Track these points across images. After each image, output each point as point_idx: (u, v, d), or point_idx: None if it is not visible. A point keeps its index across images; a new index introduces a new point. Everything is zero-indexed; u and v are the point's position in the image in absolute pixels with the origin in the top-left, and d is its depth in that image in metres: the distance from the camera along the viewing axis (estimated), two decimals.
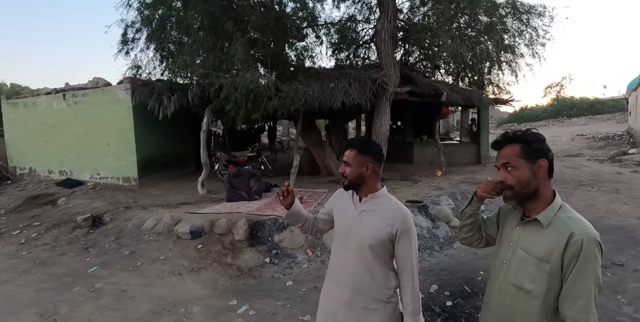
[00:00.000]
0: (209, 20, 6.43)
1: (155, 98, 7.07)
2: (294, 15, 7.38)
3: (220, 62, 6.42)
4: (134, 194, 7.13)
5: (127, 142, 7.63)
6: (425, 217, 5.28)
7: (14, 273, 4.26)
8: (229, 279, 3.92)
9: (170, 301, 3.51)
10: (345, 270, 1.64)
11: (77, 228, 5.32)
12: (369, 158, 1.60)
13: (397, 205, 1.62)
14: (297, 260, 4.22)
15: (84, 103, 8.26)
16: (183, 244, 4.49)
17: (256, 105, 5.82)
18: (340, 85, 6.45)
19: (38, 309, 3.43)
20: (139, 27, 7.53)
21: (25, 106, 9.36)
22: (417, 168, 9.50)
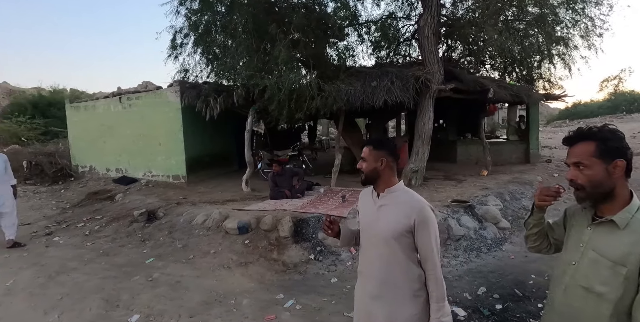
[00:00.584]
0: (253, 23, 6.62)
1: (202, 100, 7.39)
2: (335, 15, 7.44)
3: (263, 63, 6.60)
4: (182, 191, 7.51)
5: (176, 142, 8.05)
6: (471, 218, 5.13)
7: (80, 262, 4.64)
8: (275, 274, 4.04)
9: (220, 292, 3.68)
10: (370, 264, 1.73)
11: (134, 222, 5.71)
12: (384, 153, 1.69)
13: (414, 197, 1.67)
14: (341, 257, 4.26)
15: (137, 106, 8.81)
16: (231, 239, 4.69)
17: (299, 105, 5.94)
18: (382, 83, 6.41)
19: (103, 295, 3.73)
20: (186, 32, 7.90)
21: (86, 109, 10.14)
22: (460, 167, 9.22)
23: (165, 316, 3.29)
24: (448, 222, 4.87)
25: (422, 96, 6.86)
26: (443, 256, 4.43)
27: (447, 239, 4.71)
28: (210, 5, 7.22)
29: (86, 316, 3.37)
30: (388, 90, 6.33)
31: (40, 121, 18.01)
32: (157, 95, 8.45)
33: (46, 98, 20.76)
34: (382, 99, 6.27)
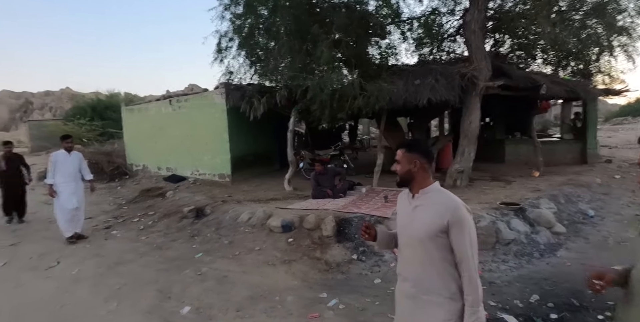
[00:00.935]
0: (295, 24, 6.72)
1: (247, 101, 7.61)
2: (377, 13, 7.36)
3: (305, 64, 6.68)
4: (227, 189, 7.79)
5: (221, 142, 8.36)
6: (522, 221, 4.88)
7: (136, 254, 4.95)
8: (318, 273, 4.08)
9: (265, 288, 3.78)
10: (406, 265, 1.77)
11: (184, 218, 6.00)
12: (417, 155, 1.71)
13: (447, 197, 1.66)
14: (385, 259, 4.22)
15: (186, 107, 9.25)
16: (275, 237, 4.80)
17: (341, 104, 5.96)
18: (426, 81, 6.27)
19: (157, 286, 3.96)
20: (231, 36, 8.15)
21: (139, 111, 10.81)
22: (509, 168, 8.79)
23: (214, 309, 3.44)
24: (497, 225, 4.66)
25: (468, 94, 6.62)
26: (492, 260, 4.25)
27: (496, 243, 4.51)
28: (253, 9, 7.41)
29: (142, 305, 3.60)
30: (432, 89, 6.18)
31: (98, 123, 19.40)
32: (204, 97, 8.82)
33: (103, 102, 22.30)
34: (425, 97, 6.13)
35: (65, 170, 5.70)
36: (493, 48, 9.05)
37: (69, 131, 18.76)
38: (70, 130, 18.68)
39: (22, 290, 4.11)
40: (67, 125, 19.62)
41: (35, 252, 5.27)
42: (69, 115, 22.09)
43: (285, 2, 6.96)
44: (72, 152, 5.88)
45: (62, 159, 5.73)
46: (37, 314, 3.54)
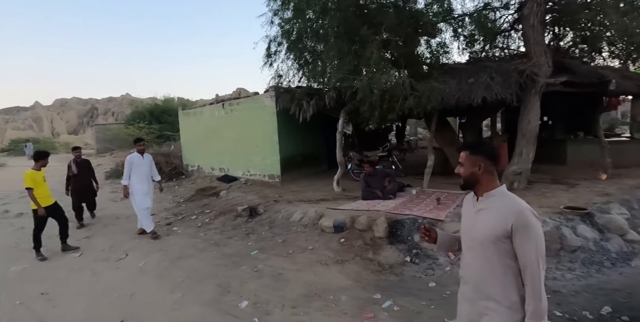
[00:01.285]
0: (344, 26, 6.76)
1: (296, 103, 7.78)
2: (427, 12, 7.22)
3: (354, 65, 6.70)
4: (277, 189, 8.00)
5: (271, 143, 8.60)
6: (590, 227, 4.55)
7: (195, 250, 5.24)
8: (371, 274, 4.09)
9: (319, 287, 3.85)
10: (466, 268, 1.74)
11: (238, 217, 6.26)
12: (481, 158, 1.66)
13: (513, 201, 1.60)
14: (439, 262, 4.14)
15: (237, 110, 9.62)
16: (327, 237, 4.87)
17: (391, 105, 5.91)
18: (480, 79, 6.04)
19: (216, 280, 4.17)
20: (280, 40, 8.38)
21: (194, 115, 11.41)
22: (571, 170, 8.22)
23: (270, 305, 3.56)
24: (561, 231, 4.40)
25: (526, 91, 6.29)
26: (556, 268, 4.02)
27: (560, 250, 4.25)
28: (301, 13, 7.56)
29: (203, 297, 3.81)
30: (487, 87, 5.94)
31: (156, 126, 20.74)
32: (255, 100, 9.13)
33: (160, 106, 23.81)
34: (480, 96, 5.91)
35: (139, 171, 6.05)
36: (552, 42, 8.51)
37: (130, 134, 20.28)
38: (131, 133, 20.16)
39: (96, 278, 4.52)
40: (128, 128, 21.17)
41: (106, 245, 5.76)
42: (129, 120, 23.81)
43: (333, 5, 7.04)
44: (145, 155, 6.23)
45: (137, 161, 6.07)
46: (111, 301, 3.87)
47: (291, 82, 8.62)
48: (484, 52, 8.86)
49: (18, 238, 6.43)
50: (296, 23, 7.89)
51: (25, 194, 11.21)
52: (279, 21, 8.17)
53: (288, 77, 8.52)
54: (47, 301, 3.97)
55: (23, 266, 5.07)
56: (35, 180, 5.41)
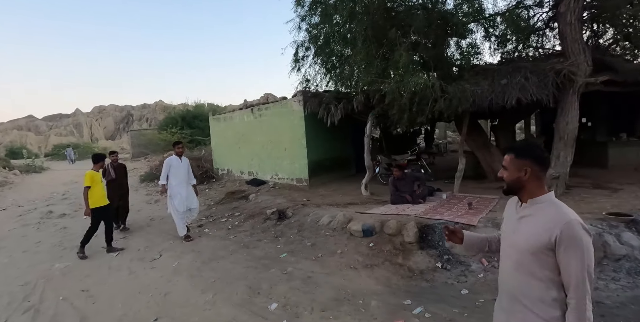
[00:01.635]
0: (372, 30, 6.74)
1: (324, 107, 7.82)
2: (457, 12, 7.08)
3: (383, 69, 6.66)
4: (305, 193, 8.04)
5: (299, 147, 8.67)
6: (636, 235, 4.28)
7: (226, 252, 5.34)
8: (401, 279, 4.02)
9: (349, 291, 3.82)
10: (504, 276, 1.64)
11: (267, 220, 6.33)
12: (528, 162, 1.54)
13: (560, 210, 1.47)
14: (472, 268, 4.01)
15: (266, 115, 9.78)
16: (356, 241, 4.84)
17: (421, 108, 5.82)
18: (514, 80, 5.85)
19: (247, 282, 4.23)
20: (307, 45, 8.47)
21: (224, 120, 11.70)
22: (613, 174, 7.77)
23: (299, 307, 3.57)
24: (604, 238, 4.16)
25: (564, 92, 6.03)
26: (599, 277, 3.81)
27: (604, 258, 4.02)
28: (329, 18, 7.61)
29: (234, 298, 3.87)
30: (522, 88, 5.74)
31: (187, 131, 21.39)
32: (283, 105, 9.25)
33: (191, 112, 24.54)
34: (514, 97, 5.72)
35: (178, 174, 6.14)
36: (591, 40, 8.13)
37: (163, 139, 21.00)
38: (164, 138, 20.88)
39: (133, 277, 4.70)
40: (161, 134, 21.95)
41: (141, 245, 5.98)
42: (162, 125, 24.69)
43: (361, 9, 7.04)
44: (183, 158, 6.30)
45: (176, 164, 6.16)
46: (147, 299, 4.01)
47: (319, 87, 8.70)
48: (517, 52, 8.58)
49: (62, 237, 6.80)
50: (323, 28, 7.96)
51: (66, 195, 11.90)
52: (307, 26, 8.27)
53: (316, 82, 8.60)
54: (87, 298, 4.17)
55: (66, 263, 5.35)
56: (93, 180, 5.66)
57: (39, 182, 16.30)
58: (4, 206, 10.48)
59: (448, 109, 5.71)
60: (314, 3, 7.75)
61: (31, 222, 8.17)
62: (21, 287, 4.62)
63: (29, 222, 8.24)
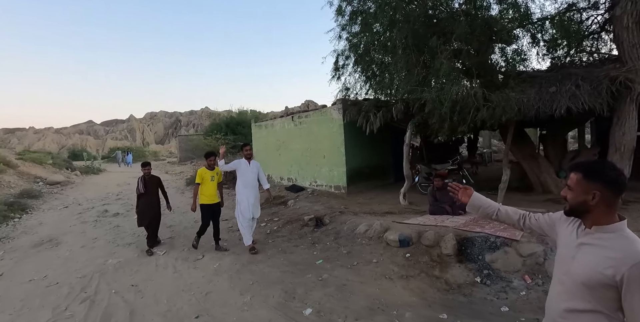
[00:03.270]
0: (412, 38, 6.71)
1: (363, 115, 7.86)
2: (502, 18, 6.88)
3: (423, 77, 6.60)
4: (343, 200, 8.08)
5: (338, 155, 8.75)
6: None
7: (264, 256, 5.49)
8: (437, 292, 3.94)
9: (383, 301, 3.80)
10: (552, 302, 1.50)
11: (305, 226, 6.44)
12: (599, 185, 1.34)
13: (633, 246, 1.27)
14: (513, 285, 3.85)
15: (306, 123, 9.98)
16: (392, 250, 4.80)
17: (462, 117, 5.69)
18: (564, 88, 5.57)
19: (283, 286, 4.33)
20: (347, 54, 8.58)
21: (266, 127, 12.07)
22: None
23: (333, 314, 3.60)
24: None
25: (620, 100, 5.66)
26: None
27: None
28: (369, 27, 7.67)
29: (270, 301, 3.98)
30: (572, 96, 5.45)
31: (231, 137, 22.20)
32: (323, 113, 9.40)
33: (235, 119, 25.46)
34: (564, 106, 5.44)
35: (245, 178, 5.72)
36: None
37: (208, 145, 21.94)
38: (209, 143, 21.80)
39: (177, 275, 4.97)
40: (206, 139, 22.96)
41: (185, 246, 6.29)
42: (207, 131, 25.80)
43: (401, 17, 7.04)
44: (252, 161, 5.85)
45: (244, 168, 5.72)
46: (189, 297, 4.23)
47: (358, 95, 8.75)
48: (569, 57, 8.15)
49: (115, 235, 7.32)
50: (363, 37, 8.03)
51: (120, 196, 12.77)
52: (347, 35, 8.39)
53: (355, 90, 8.67)
54: (136, 292, 4.47)
55: (118, 259, 5.77)
56: (202, 177, 5.78)
57: (96, 182, 17.63)
58: (66, 204, 11.46)
59: (491, 118, 5.54)
60: (355, 13, 7.86)
61: (89, 220, 8.87)
62: (79, 279, 5.05)
63: (87, 219, 8.95)
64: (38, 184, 14.90)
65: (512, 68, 6.67)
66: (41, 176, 16.44)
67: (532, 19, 7.15)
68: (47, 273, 5.38)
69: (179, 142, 28.76)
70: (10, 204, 10.37)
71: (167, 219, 8.50)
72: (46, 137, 53.61)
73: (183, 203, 10.55)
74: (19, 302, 4.41)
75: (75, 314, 4.00)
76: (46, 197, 12.88)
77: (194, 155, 24.76)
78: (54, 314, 4.04)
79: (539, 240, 4.16)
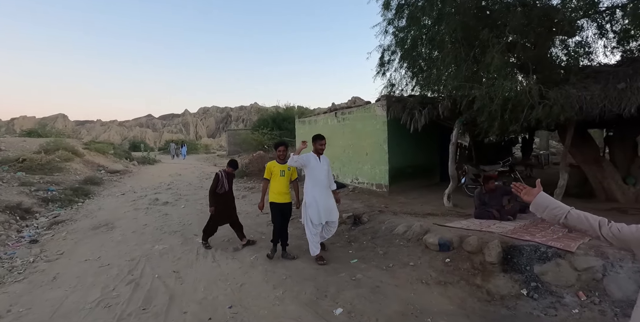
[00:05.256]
0: (462, 31, 6.34)
1: (408, 112, 7.60)
2: (564, 7, 6.28)
3: (473, 72, 6.23)
4: (384, 199, 7.89)
5: (381, 152, 8.56)
6: None
7: (299, 251, 5.40)
8: (477, 302, 3.69)
9: (417, 307, 3.64)
10: None
11: (342, 223, 6.35)
12: None
13: None
14: (564, 301, 3.50)
15: (349, 119, 9.87)
16: (431, 254, 4.59)
17: (515, 115, 5.28)
18: (635, 84, 4.98)
19: (315, 283, 4.29)
20: (393, 49, 8.31)
21: (309, 123, 12.11)
22: None
23: (364, 316, 3.51)
24: None
25: None
26: None
27: None
28: (417, 20, 7.36)
29: (301, 297, 3.97)
30: None
31: (277, 132, 22.62)
32: (366, 109, 9.23)
33: (282, 114, 25.91)
34: (634, 105, 4.86)
35: (316, 176, 4.86)
36: None
37: (255, 139, 22.50)
38: (256, 138, 22.36)
39: (216, 265, 5.12)
40: (253, 134, 23.59)
41: (225, 237, 6.47)
42: (255, 126, 26.51)
43: (451, 9, 6.68)
44: (322, 157, 5.00)
45: (314, 164, 4.85)
46: (225, 287, 4.35)
47: (404, 91, 8.48)
48: None
49: (163, 222, 7.73)
50: (410, 31, 7.73)
51: (171, 186, 13.47)
52: (393, 30, 8.12)
53: (401, 86, 8.40)
54: (177, 278, 4.68)
55: (163, 246, 6.08)
56: (271, 171, 5.08)
57: (151, 172, 18.79)
58: (123, 192, 12.33)
59: (547, 117, 5.08)
60: (401, 6, 7.59)
61: (141, 207, 9.46)
62: (128, 262, 5.39)
63: (140, 207, 9.55)
64: (100, 172, 16.19)
65: (575, 62, 6.08)
66: (103, 164, 17.84)
67: (600, 8, 6.46)
68: (101, 254, 5.81)
69: (228, 136, 29.84)
70: (76, 189, 11.37)
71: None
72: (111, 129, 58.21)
73: None
74: (75, 279, 4.80)
75: (121, 295, 4.26)
76: (106, 184, 13.95)
77: (241, 149, 25.58)
78: (102, 293, 4.34)
79: (597, 253, 3.76)
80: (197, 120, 64.21)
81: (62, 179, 12.75)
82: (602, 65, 6.42)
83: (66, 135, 26.88)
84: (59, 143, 17.10)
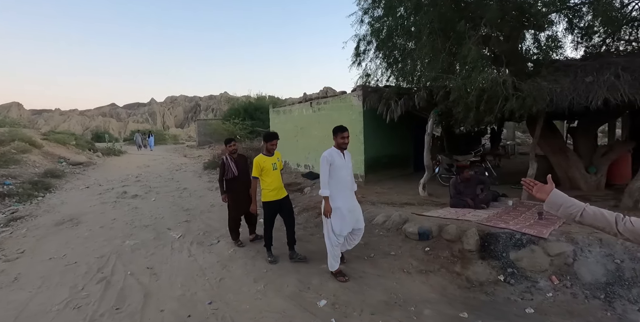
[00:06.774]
0: (439, 22, 6.38)
1: (384, 103, 7.61)
2: (536, 2, 6.44)
3: (449, 63, 6.30)
4: (360, 189, 7.78)
5: (357, 143, 8.55)
6: None
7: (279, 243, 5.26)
8: (458, 289, 3.79)
9: (400, 296, 3.69)
10: None
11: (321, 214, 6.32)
12: None
13: None
14: (539, 286, 3.66)
15: (325, 109, 9.79)
16: (411, 243, 4.65)
17: (489, 107, 5.40)
18: (602, 78, 5.20)
19: (298, 276, 4.26)
20: (369, 39, 8.25)
21: (284, 113, 11.93)
22: None
23: (349, 307, 3.51)
24: None
25: None
26: None
27: None
28: (393, 10, 7.33)
29: (284, 290, 3.92)
30: (611, 86, 5.08)
31: (249, 122, 22.21)
32: (342, 99, 9.18)
33: (253, 104, 25.43)
34: (600, 97, 5.08)
35: (339, 176, 4.03)
36: None
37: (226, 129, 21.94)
38: (228, 128, 21.83)
39: (192, 259, 4.97)
40: (224, 124, 23.03)
41: (201, 230, 6.31)
42: (226, 116, 25.89)
43: (427, 0, 6.69)
44: (345, 152, 4.18)
45: (338, 161, 4.02)
46: (203, 282, 4.22)
47: (379, 82, 8.47)
48: (605, 45, 7.63)
49: (132, 216, 7.42)
50: (386, 21, 7.69)
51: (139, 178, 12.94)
52: (369, 19, 8.05)
53: (376, 76, 8.37)
54: (151, 275, 4.50)
55: (135, 241, 5.83)
56: (263, 167, 4.55)
57: (117, 164, 17.98)
58: (87, 184, 11.72)
59: (521, 109, 5.23)
60: None
61: (108, 201, 9.03)
62: (97, 259, 5.13)
63: (107, 200, 9.11)
64: (61, 164, 15.29)
65: (545, 56, 6.27)
66: (64, 156, 16.85)
67: (570, 4, 6.68)
68: (67, 252, 5.49)
69: (197, 126, 28.97)
70: (35, 183, 10.67)
71: (184, 203, 8.57)
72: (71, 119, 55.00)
73: (201, 187, 10.63)
74: (39, 280, 4.50)
75: (91, 294, 4.04)
76: (69, 177, 13.21)
77: (212, 140, 24.96)
78: (71, 293, 4.10)
79: (568, 239, 3.94)
80: (164, 110, 61.86)
81: (20, 172, 11.92)
82: (571, 60, 6.68)
83: (22, 125, 25.11)
84: (14, 134, 15.95)
